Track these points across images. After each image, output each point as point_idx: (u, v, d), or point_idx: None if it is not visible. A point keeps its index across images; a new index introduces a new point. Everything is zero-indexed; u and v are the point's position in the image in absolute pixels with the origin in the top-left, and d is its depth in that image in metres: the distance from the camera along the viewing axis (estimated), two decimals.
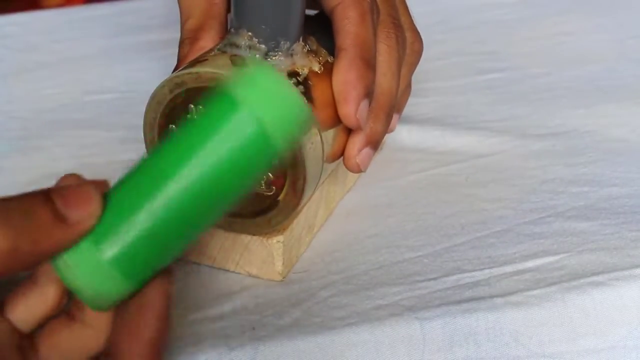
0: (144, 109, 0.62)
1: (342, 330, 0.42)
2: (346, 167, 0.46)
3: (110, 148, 0.58)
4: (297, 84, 0.43)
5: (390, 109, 0.46)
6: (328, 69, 0.44)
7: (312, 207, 0.48)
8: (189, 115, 0.42)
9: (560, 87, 0.64)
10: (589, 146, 0.57)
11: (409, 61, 0.49)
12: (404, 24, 0.48)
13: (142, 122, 0.47)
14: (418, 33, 0.50)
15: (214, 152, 0.31)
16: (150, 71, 0.68)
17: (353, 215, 0.51)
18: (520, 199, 0.52)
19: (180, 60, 0.46)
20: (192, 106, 0.42)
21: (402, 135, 0.59)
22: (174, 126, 0.43)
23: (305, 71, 0.44)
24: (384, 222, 0.51)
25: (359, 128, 0.44)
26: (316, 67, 0.44)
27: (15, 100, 0.64)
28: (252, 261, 0.46)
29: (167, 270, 0.34)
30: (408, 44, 0.49)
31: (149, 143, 0.44)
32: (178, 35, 0.73)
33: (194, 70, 0.41)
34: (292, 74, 0.43)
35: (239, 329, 0.42)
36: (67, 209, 0.31)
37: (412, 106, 0.58)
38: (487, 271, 0.46)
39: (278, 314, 0.43)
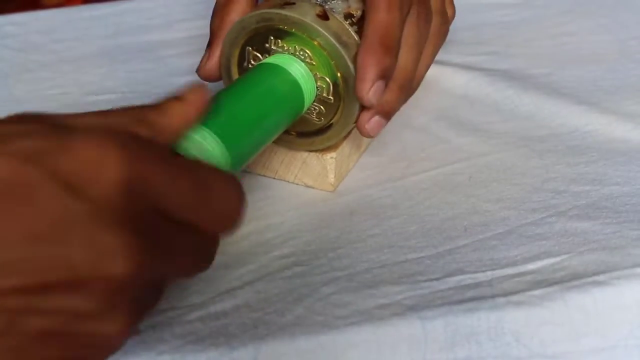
0: None
1: (344, 329, 0.42)
2: (359, 131, 0.52)
3: None
4: (352, 24, 0.50)
5: (405, 84, 0.51)
6: None
7: None
8: (266, 45, 0.50)
9: (562, 87, 0.64)
10: (591, 146, 0.57)
11: (433, 42, 0.54)
12: (434, 5, 0.53)
13: None
14: (446, 15, 0.55)
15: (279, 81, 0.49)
16: (150, 72, 0.68)
17: (357, 215, 0.51)
18: (522, 198, 0.52)
19: (212, 32, 0.52)
20: (272, 38, 0.50)
21: (406, 135, 0.59)
22: (250, 48, 0.51)
23: (359, 13, 0.50)
24: (387, 222, 0.51)
25: (370, 106, 0.50)
26: None
27: (16, 100, 0.64)
28: (309, 174, 0.54)
29: None
30: (435, 25, 0.53)
31: (226, 58, 0.52)
32: (178, 35, 0.73)
33: (282, 12, 0.49)
34: (348, 16, 0.50)
35: (240, 327, 0.42)
36: (183, 94, 0.40)
37: (416, 106, 0.58)
38: (489, 273, 0.46)
39: (280, 311, 0.43)
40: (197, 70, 0.53)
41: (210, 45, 0.52)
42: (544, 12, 0.77)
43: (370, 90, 0.48)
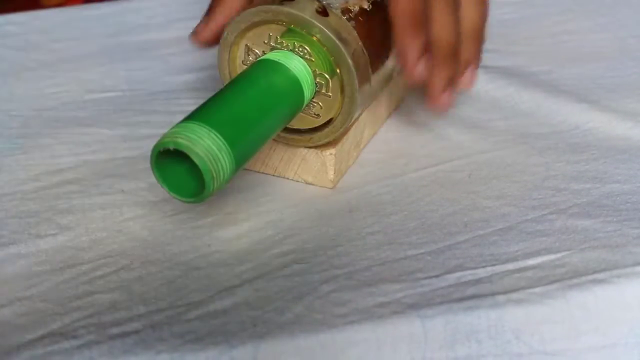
0: (144, 107, 0.63)
1: (343, 328, 0.42)
2: (435, 109, 0.53)
3: (111, 145, 0.58)
4: (350, 19, 0.50)
5: (448, 54, 0.51)
6: (376, 6, 0.52)
7: (359, 126, 0.56)
8: (265, 41, 0.50)
9: (562, 85, 0.64)
10: (591, 144, 0.57)
11: (475, 10, 0.53)
12: None
13: (143, 120, 0.61)
14: None
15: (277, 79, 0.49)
16: (150, 70, 0.68)
17: (356, 212, 0.51)
18: (522, 195, 0.52)
19: (210, 8, 0.53)
20: (270, 34, 0.50)
21: (407, 132, 0.59)
22: (248, 44, 0.51)
23: (357, 8, 0.51)
24: (386, 219, 0.51)
25: (421, 81, 0.51)
26: (365, 5, 0.51)
27: (16, 99, 0.64)
28: (308, 170, 0.54)
29: None
30: None
31: (223, 52, 0.51)
32: (178, 34, 0.74)
33: (282, 8, 0.49)
34: (345, 11, 0.50)
35: (240, 325, 0.42)
36: None
37: (417, 104, 0.58)
38: (489, 269, 0.46)
39: (279, 309, 0.43)
40: (192, 34, 0.53)
41: (210, 12, 0.53)
42: (544, 11, 0.77)
43: (416, 68, 0.50)
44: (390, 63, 0.54)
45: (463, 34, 0.52)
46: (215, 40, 0.52)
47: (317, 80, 0.50)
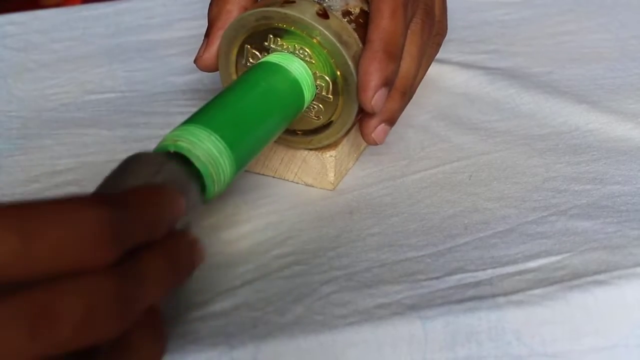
0: (144, 108, 0.62)
1: (343, 329, 0.42)
2: (365, 141, 0.52)
3: (110, 147, 0.58)
4: (350, 21, 0.50)
5: (406, 90, 0.52)
6: None
7: None
8: (265, 43, 0.50)
9: (563, 85, 0.64)
10: (592, 145, 0.57)
11: (429, 52, 0.53)
12: (436, 15, 0.53)
13: (142, 121, 0.61)
14: (444, 25, 0.55)
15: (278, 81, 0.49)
16: (150, 71, 0.68)
17: (356, 214, 0.51)
18: (523, 197, 0.52)
19: (210, 21, 0.52)
20: (272, 36, 0.50)
21: (406, 134, 0.59)
22: (248, 46, 0.51)
23: (357, 10, 0.50)
24: (387, 221, 0.51)
25: (373, 113, 0.49)
26: (366, 7, 0.51)
27: (15, 99, 0.64)
28: (308, 172, 0.53)
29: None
30: (434, 35, 0.53)
31: (224, 56, 0.51)
32: (177, 34, 0.74)
33: (282, 10, 0.48)
34: (346, 13, 0.50)
35: (240, 326, 0.42)
36: None
37: (416, 105, 0.58)
38: (489, 271, 0.46)
39: (280, 310, 0.43)
40: (195, 61, 0.52)
41: (208, 35, 0.52)
42: (545, 11, 0.77)
43: (373, 97, 0.48)
44: None
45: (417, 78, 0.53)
46: (217, 65, 0.52)
47: (318, 82, 0.50)
